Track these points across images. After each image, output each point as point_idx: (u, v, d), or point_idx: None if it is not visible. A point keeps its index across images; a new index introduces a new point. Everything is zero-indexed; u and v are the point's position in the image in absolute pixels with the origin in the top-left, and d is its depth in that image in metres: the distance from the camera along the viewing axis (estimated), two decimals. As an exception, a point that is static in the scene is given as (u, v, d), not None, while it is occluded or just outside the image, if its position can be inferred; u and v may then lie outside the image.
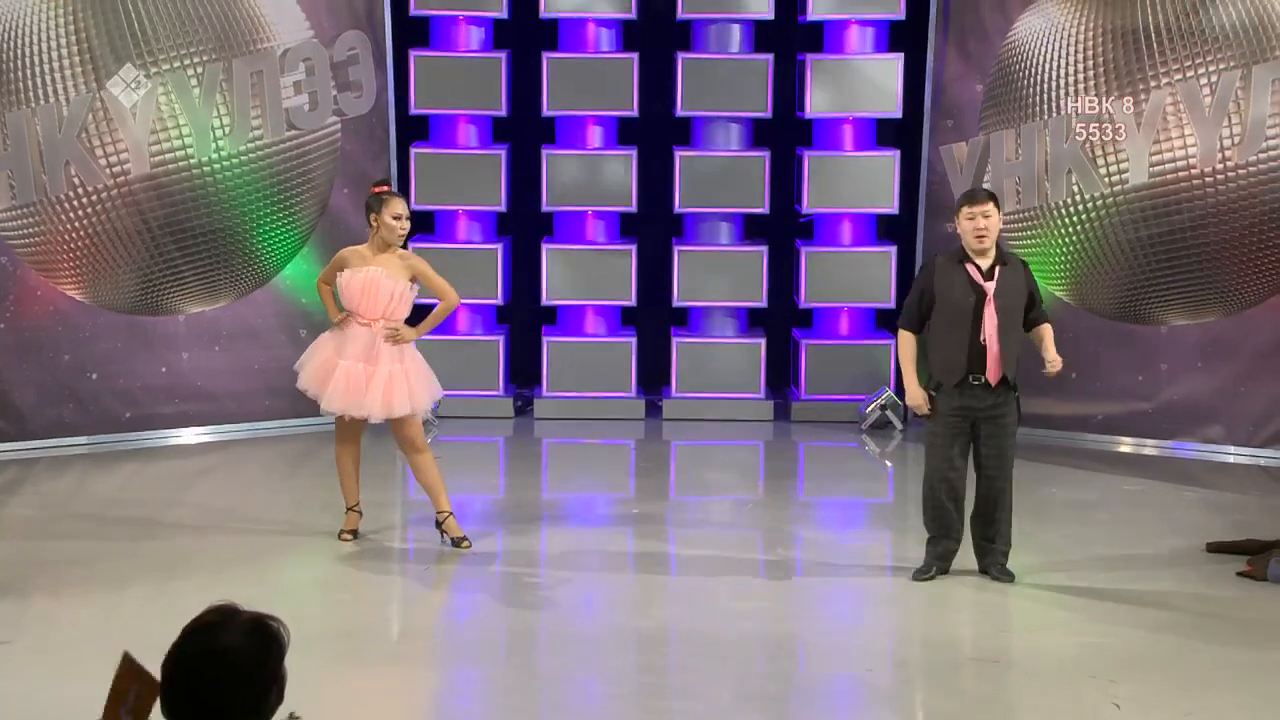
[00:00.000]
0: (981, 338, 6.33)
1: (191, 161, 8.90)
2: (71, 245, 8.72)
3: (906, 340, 6.51)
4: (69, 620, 6.00)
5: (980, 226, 6.33)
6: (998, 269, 6.39)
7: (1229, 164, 8.68)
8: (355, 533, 6.96)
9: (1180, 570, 6.71)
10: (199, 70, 8.86)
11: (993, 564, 6.54)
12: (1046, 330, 6.53)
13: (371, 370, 6.70)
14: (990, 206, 6.35)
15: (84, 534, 7.16)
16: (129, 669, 2.51)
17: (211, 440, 9.04)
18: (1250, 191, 8.65)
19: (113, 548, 6.93)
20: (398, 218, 6.74)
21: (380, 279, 6.70)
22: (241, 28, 8.96)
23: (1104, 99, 8.88)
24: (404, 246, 6.89)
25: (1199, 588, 6.49)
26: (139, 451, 8.78)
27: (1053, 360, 6.43)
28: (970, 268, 6.37)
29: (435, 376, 6.94)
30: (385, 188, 6.88)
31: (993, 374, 6.36)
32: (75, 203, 8.69)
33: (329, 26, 9.23)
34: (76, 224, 8.70)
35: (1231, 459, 8.79)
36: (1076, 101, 8.95)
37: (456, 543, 6.86)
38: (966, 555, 6.67)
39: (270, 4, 9.04)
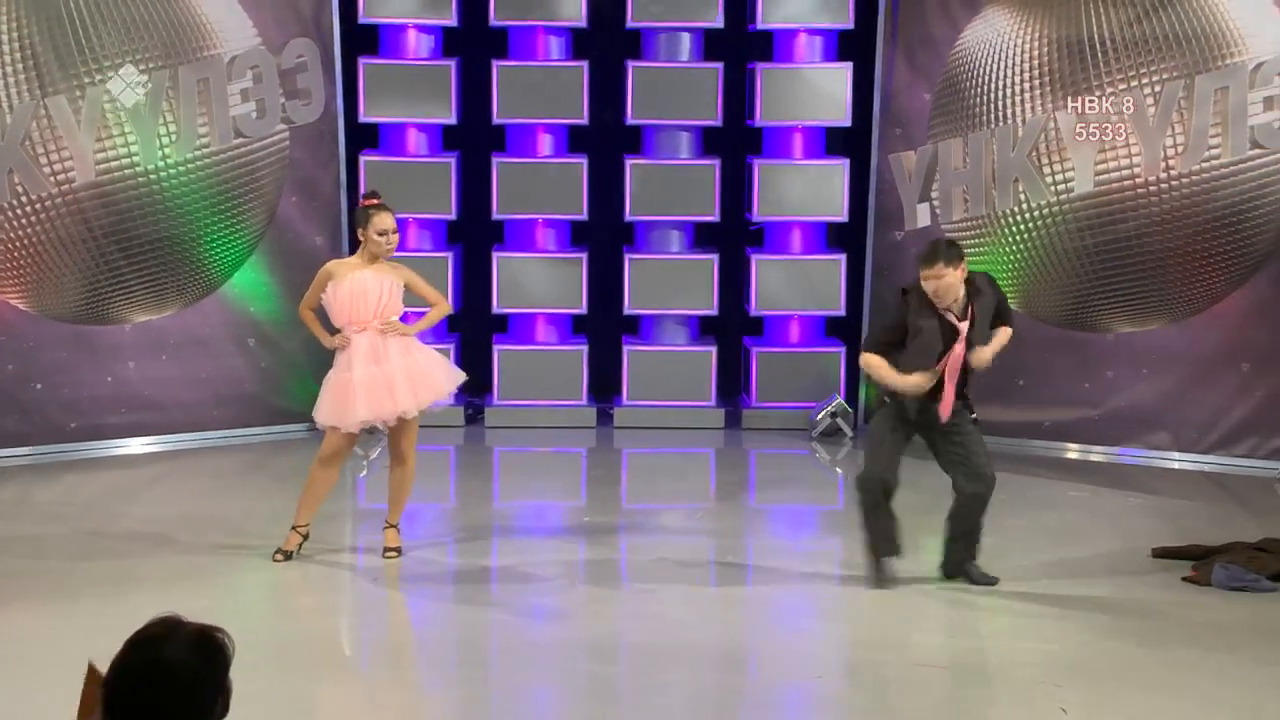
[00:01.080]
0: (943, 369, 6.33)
1: (137, 169, 8.82)
2: (15, 253, 8.62)
3: (875, 360, 6.37)
4: (13, 634, 5.91)
5: (934, 289, 6.25)
6: (971, 305, 6.34)
7: (1172, 173, 8.77)
8: (291, 555, 6.80)
9: (1126, 576, 6.74)
10: (144, 77, 8.78)
11: (973, 569, 6.57)
12: (1002, 333, 6.52)
13: (387, 370, 6.59)
14: (941, 267, 6.20)
15: (28, 546, 7.06)
16: (94, 680, 2.50)
17: (159, 450, 8.95)
18: (1193, 200, 8.75)
19: (58, 560, 6.84)
20: (383, 234, 6.61)
21: (367, 280, 6.59)
22: (188, 35, 8.89)
23: (1050, 108, 8.95)
24: None
25: (1145, 593, 6.52)
26: (85, 462, 8.69)
27: (981, 358, 6.35)
28: (944, 310, 6.33)
29: (451, 363, 6.85)
30: (374, 200, 6.73)
31: (945, 410, 6.36)
32: (19, 211, 8.60)
33: (276, 34, 9.17)
34: (20, 232, 8.61)
35: (1177, 465, 8.87)
36: (1023, 111, 9.02)
37: (385, 550, 6.83)
38: (910, 563, 6.70)
39: (217, 11, 8.98)
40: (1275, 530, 7.26)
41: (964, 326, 6.31)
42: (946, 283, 6.23)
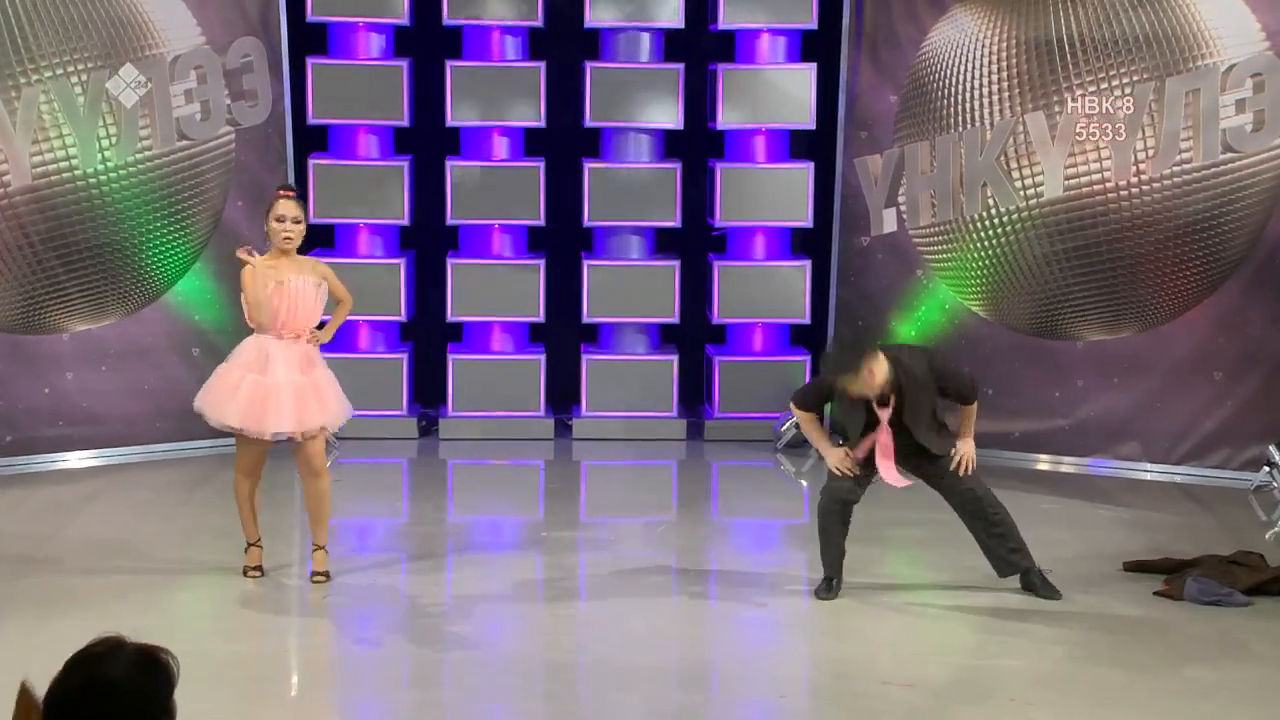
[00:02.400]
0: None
1: (76, 173, 8.59)
2: (-52, 260, 8.37)
3: (806, 417, 6.36)
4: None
5: (861, 392, 6.08)
6: (898, 385, 6.15)
7: (1143, 177, 8.66)
8: (261, 568, 6.64)
9: (1097, 589, 6.65)
10: (84, 78, 8.55)
11: (1035, 578, 6.46)
12: (968, 413, 6.38)
13: (312, 379, 6.42)
14: (861, 373, 5.99)
15: (-43, 564, 6.81)
16: (27, 702, 2.44)
17: (98, 464, 8.74)
18: (1165, 205, 8.64)
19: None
20: (280, 219, 6.45)
21: (307, 288, 6.42)
22: (129, 33, 8.69)
23: (1019, 111, 8.83)
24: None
25: (1116, 607, 6.43)
26: (21, 477, 8.46)
27: (964, 455, 6.32)
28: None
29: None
30: (280, 191, 6.61)
31: (889, 478, 6.28)
32: (-48, 215, 8.35)
33: (221, 33, 8.98)
34: (-47, 238, 8.36)
35: (1148, 476, 8.78)
36: (991, 114, 8.90)
37: (312, 575, 6.58)
38: (864, 572, 6.55)
39: (159, 9, 8.78)
40: (1248, 543, 7.20)
41: (884, 414, 6.18)
42: (869, 381, 6.06)
